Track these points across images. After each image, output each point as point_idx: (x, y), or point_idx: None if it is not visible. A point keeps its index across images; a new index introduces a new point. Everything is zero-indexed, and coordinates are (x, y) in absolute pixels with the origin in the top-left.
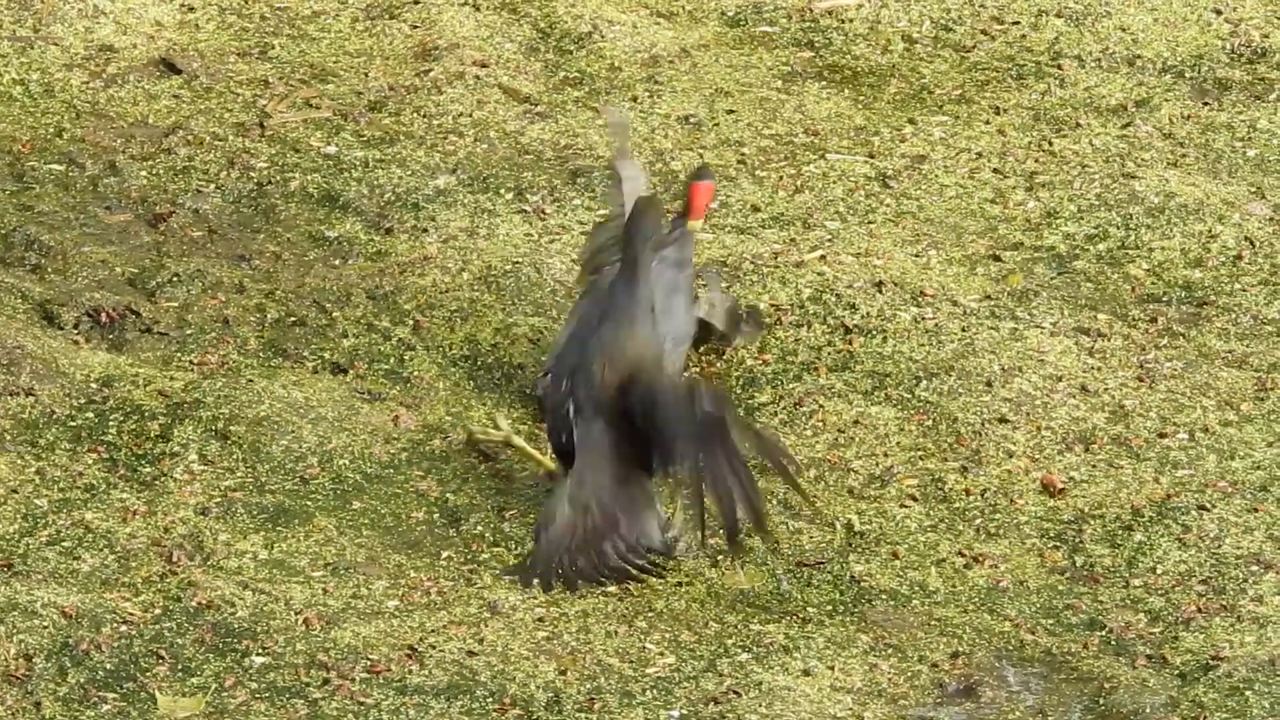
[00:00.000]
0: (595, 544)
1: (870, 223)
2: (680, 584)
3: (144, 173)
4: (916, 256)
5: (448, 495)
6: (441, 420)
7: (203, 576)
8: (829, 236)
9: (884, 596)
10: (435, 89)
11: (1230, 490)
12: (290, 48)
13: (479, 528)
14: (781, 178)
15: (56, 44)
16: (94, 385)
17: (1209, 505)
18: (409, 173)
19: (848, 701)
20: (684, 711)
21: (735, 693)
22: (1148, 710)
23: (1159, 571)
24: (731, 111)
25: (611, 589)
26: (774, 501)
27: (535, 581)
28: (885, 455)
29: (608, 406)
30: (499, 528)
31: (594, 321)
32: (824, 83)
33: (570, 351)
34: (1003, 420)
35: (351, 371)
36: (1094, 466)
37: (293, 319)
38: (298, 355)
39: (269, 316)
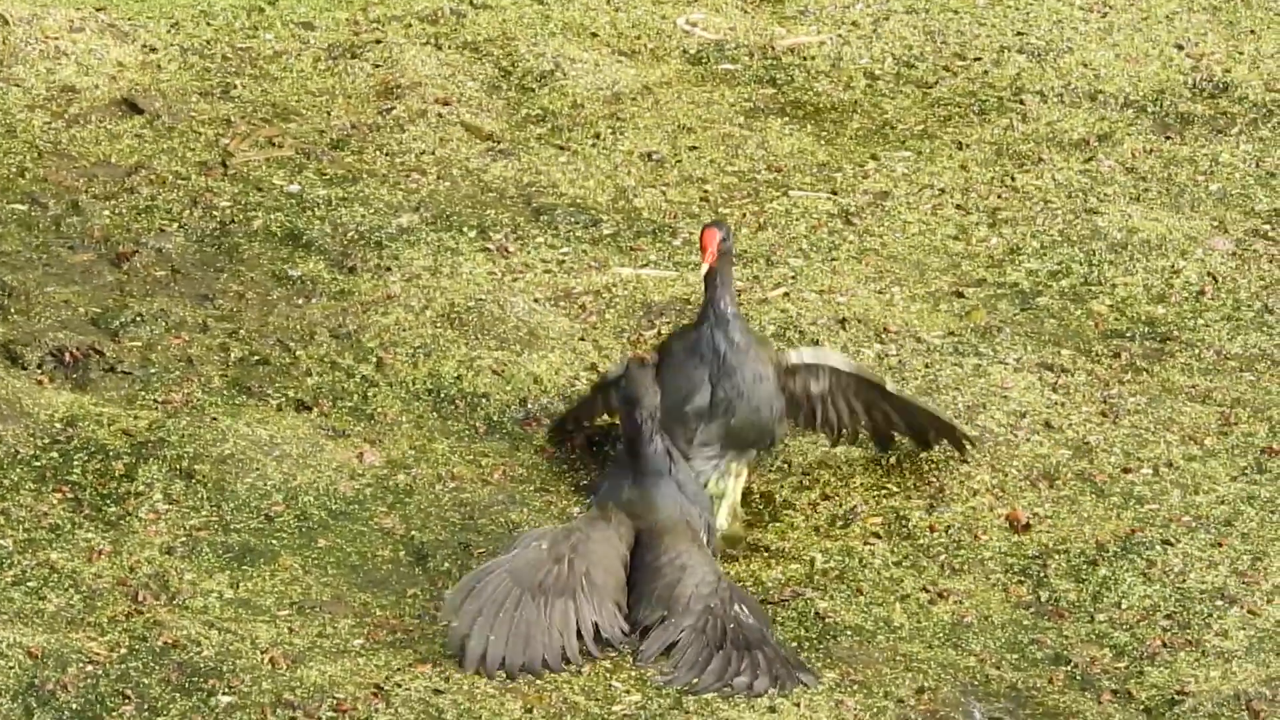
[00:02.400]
0: (551, 597)
1: (833, 259)
2: None
3: (107, 212)
4: (880, 293)
5: (413, 532)
6: (405, 455)
7: (169, 616)
8: (792, 274)
9: (849, 632)
10: (398, 127)
11: (1194, 525)
12: (252, 87)
13: (445, 564)
14: (745, 214)
15: (18, 84)
16: (58, 425)
17: (1173, 540)
18: (372, 211)
19: None
20: None
21: None
22: None
23: (1124, 606)
24: (694, 148)
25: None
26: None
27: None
28: (849, 494)
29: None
30: (465, 564)
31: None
32: (786, 119)
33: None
34: (966, 457)
35: (315, 409)
36: (1058, 502)
37: (256, 357)
38: (262, 393)
39: (233, 355)
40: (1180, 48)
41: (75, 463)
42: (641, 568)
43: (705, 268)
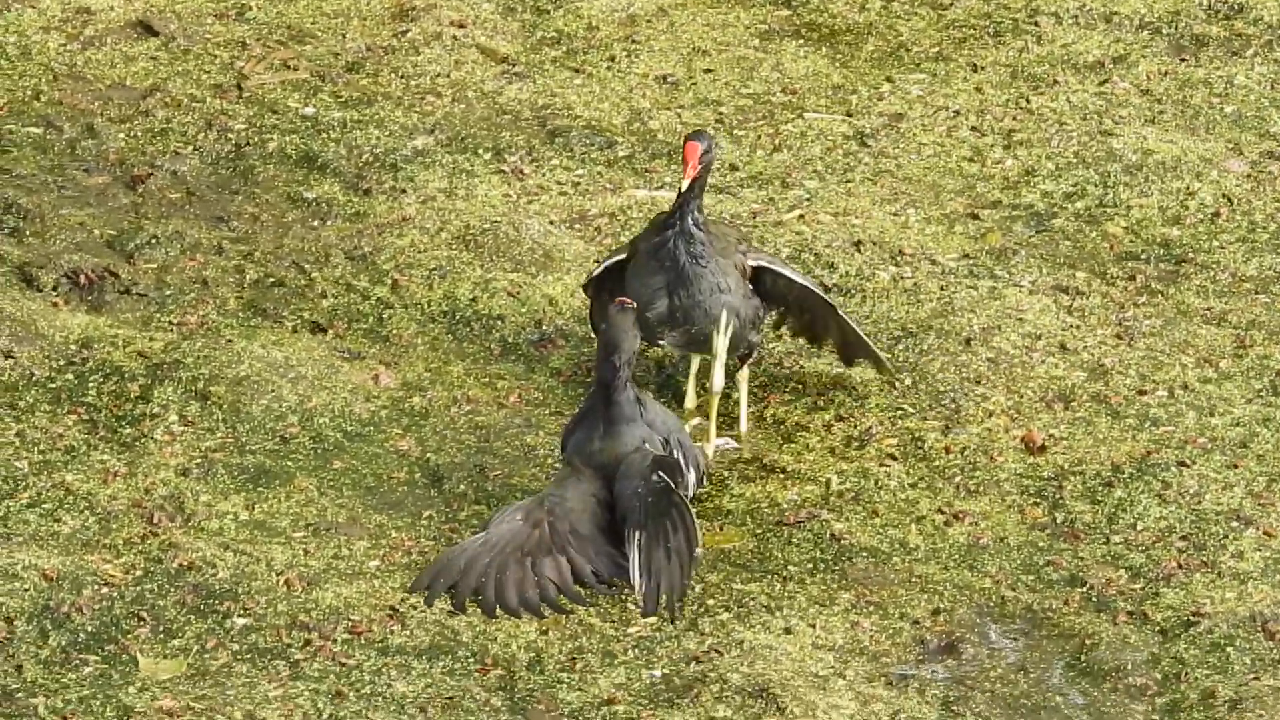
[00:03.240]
0: (539, 557)
1: (848, 181)
2: None
3: (122, 135)
4: (895, 215)
5: (429, 454)
6: (420, 378)
7: (184, 538)
8: (807, 196)
9: (864, 554)
10: (413, 49)
11: (1210, 446)
12: (267, 9)
13: (461, 486)
14: (759, 137)
15: (33, 6)
16: (73, 347)
17: (1189, 462)
18: (387, 133)
19: (829, 659)
20: (665, 670)
21: (717, 651)
22: (1129, 667)
23: (1139, 528)
24: (709, 70)
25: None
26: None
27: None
28: (864, 415)
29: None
30: (481, 486)
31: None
32: (801, 41)
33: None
34: (981, 379)
35: (331, 331)
36: (1073, 424)
37: (271, 280)
38: (277, 315)
39: (248, 277)
40: None
41: (90, 385)
42: (620, 503)
43: (687, 183)
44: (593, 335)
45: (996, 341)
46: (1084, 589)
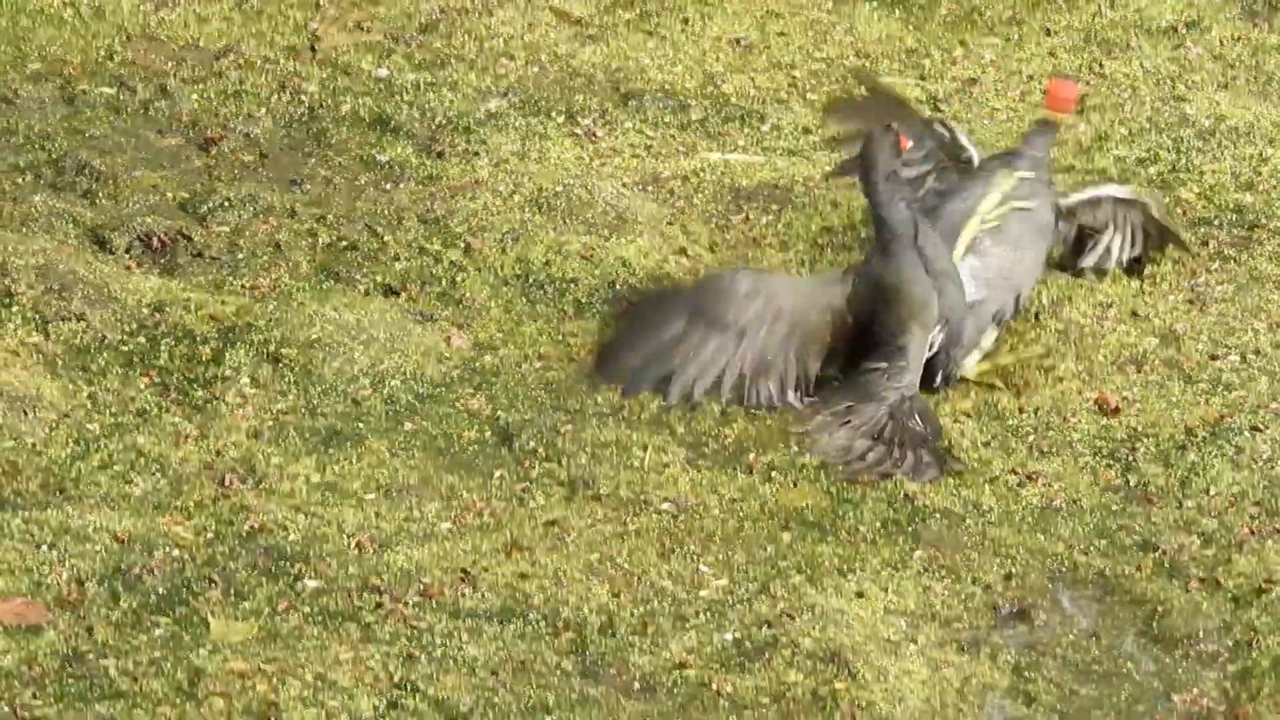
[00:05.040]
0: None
1: None
2: (734, 501)
3: (195, 96)
4: None
5: (499, 413)
6: (492, 338)
7: (255, 500)
8: None
9: (937, 515)
10: (486, 11)
11: None
12: None
13: (531, 444)
14: (832, 100)
15: None
16: (145, 310)
17: (1261, 427)
18: (460, 96)
19: (901, 625)
20: (737, 634)
21: (789, 615)
22: (1200, 634)
23: (1212, 493)
24: (782, 34)
25: (665, 507)
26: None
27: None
28: (939, 382)
29: None
30: (552, 443)
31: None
32: (875, 4)
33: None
34: (1051, 352)
35: (403, 294)
36: (1146, 386)
37: (344, 243)
38: (349, 278)
39: (320, 240)
40: None
41: (162, 348)
42: (860, 338)
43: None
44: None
45: (1066, 312)
46: (1156, 554)
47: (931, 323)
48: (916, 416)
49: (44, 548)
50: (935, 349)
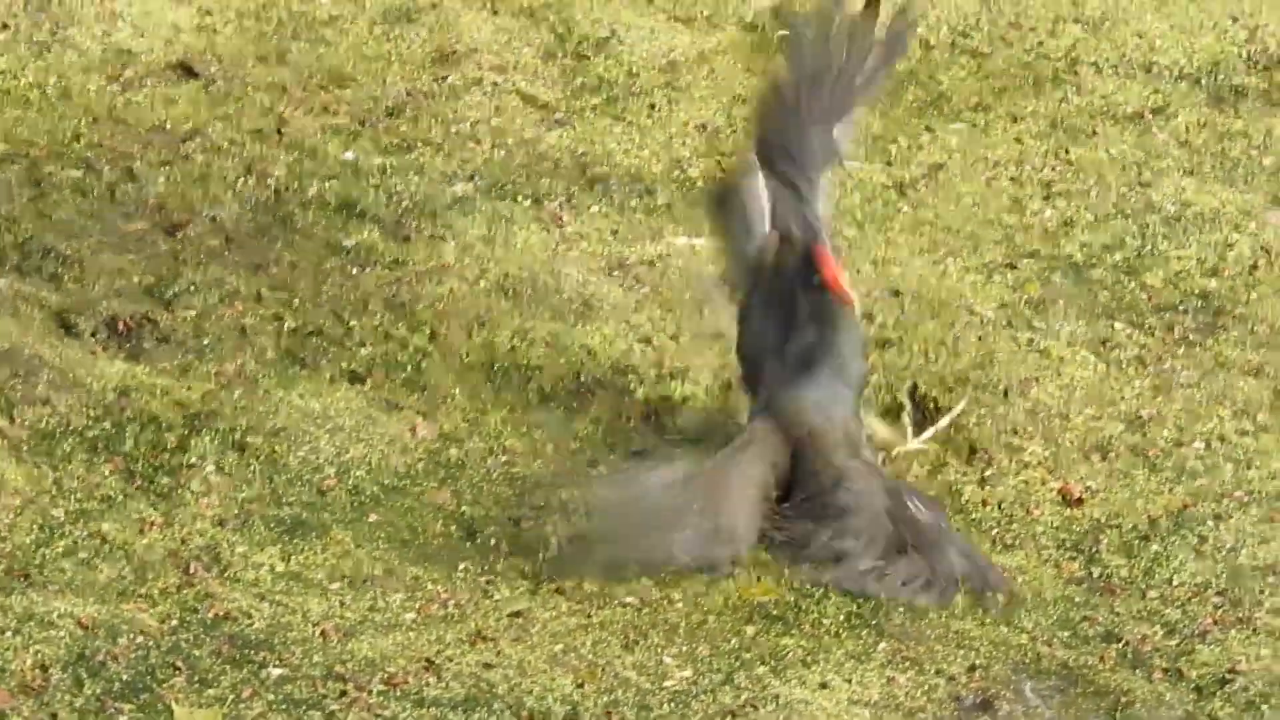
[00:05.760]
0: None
1: (888, 231)
2: (698, 595)
3: (161, 179)
4: (934, 264)
5: (464, 507)
6: (458, 428)
7: (220, 588)
8: (847, 244)
9: (901, 609)
10: (453, 95)
11: (1247, 500)
12: (308, 52)
13: (494, 539)
14: None
15: (74, 47)
16: (111, 395)
17: (1225, 515)
18: (427, 180)
19: (865, 715)
20: None
21: (753, 706)
22: None
23: (1175, 583)
24: (749, 119)
25: (629, 600)
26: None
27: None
28: (904, 470)
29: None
30: (515, 537)
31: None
32: None
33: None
34: (1019, 430)
35: (369, 380)
36: (1111, 475)
37: (310, 328)
38: (315, 364)
39: (286, 325)
40: (1235, 19)
41: (128, 434)
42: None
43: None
44: (631, 386)
45: (1034, 393)
46: (1120, 645)
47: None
48: (919, 504)
49: (8, 633)
50: None
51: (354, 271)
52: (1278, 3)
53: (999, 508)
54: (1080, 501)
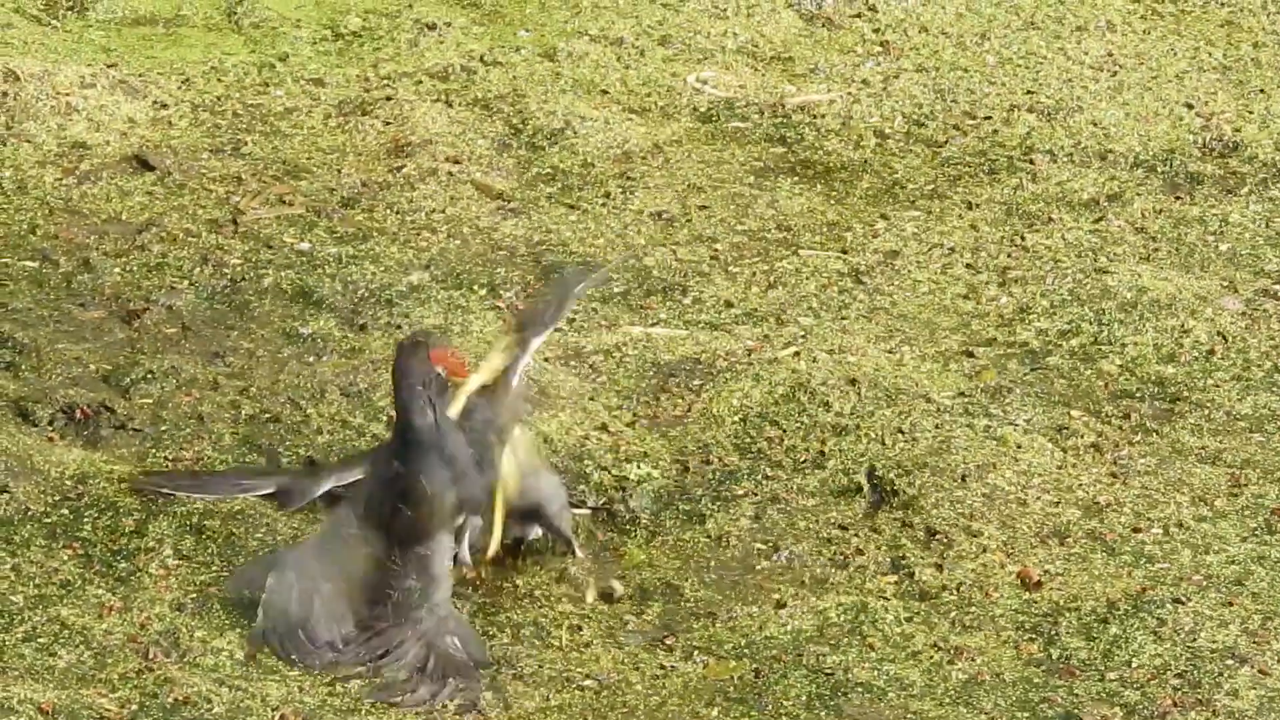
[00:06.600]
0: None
1: (844, 319)
2: (656, 677)
3: (118, 269)
4: (890, 352)
5: None
6: None
7: (179, 673)
8: (803, 333)
9: (860, 690)
10: (408, 185)
11: (1205, 584)
12: (263, 144)
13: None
14: (755, 273)
15: (29, 140)
16: (69, 482)
17: (1184, 599)
18: (383, 269)
19: None
20: None
21: None
22: None
23: (1134, 665)
24: (704, 207)
25: (588, 683)
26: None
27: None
28: (859, 552)
29: None
30: (472, 618)
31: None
32: (796, 178)
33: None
34: (976, 516)
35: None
36: (1069, 559)
37: (267, 415)
38: (272, 451)
39: (243, 412)
40: (1190, 107)
41: (86, 519)
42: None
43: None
44: (588, 470)
45: (992, 478)
46: None
47: (452, 523)
48: (454, 639)
49: None
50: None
51: (311, 359)
52: (1233, 90)
53: (957, 590)
54: (1039, 585)
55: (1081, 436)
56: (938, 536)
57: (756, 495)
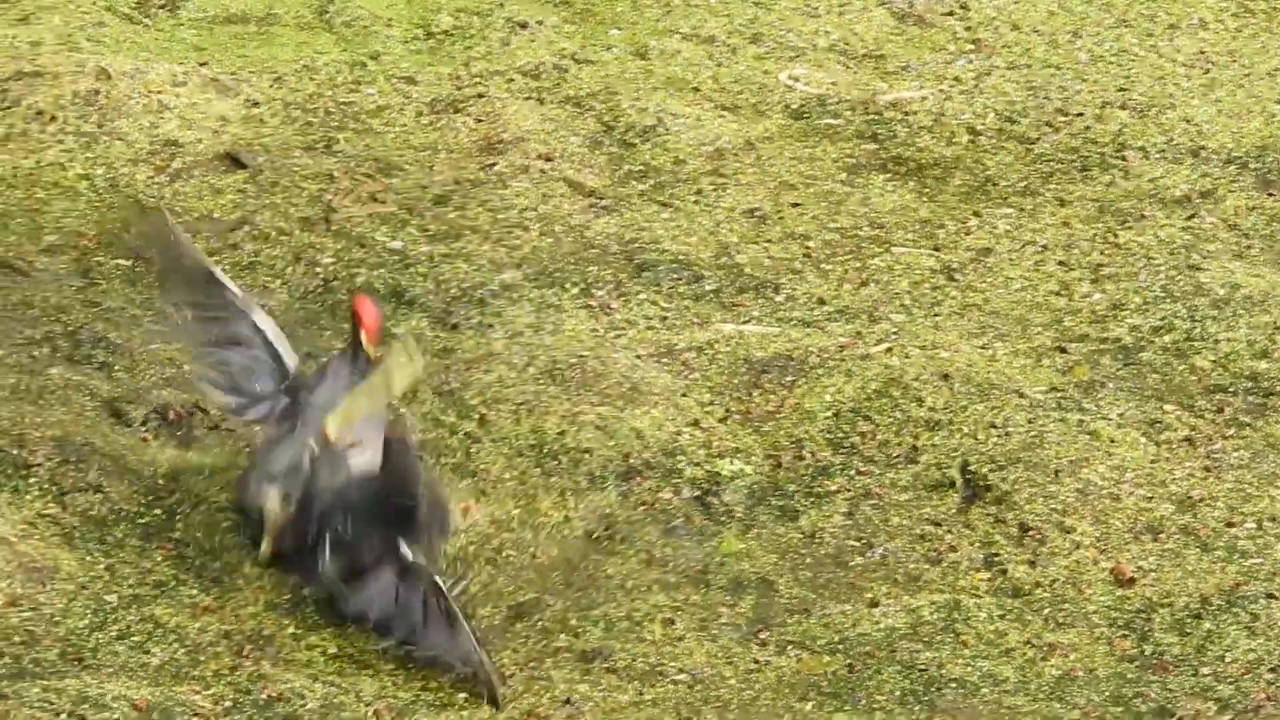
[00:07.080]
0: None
1: (936, 315)
2: (750, 672)
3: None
4: (983, 349)
5: (513, 590)
6: (509, 513)
7: (273, 669)
8: (895, 329)
9: (954, 685)
10: (500, 183)
11: None
12: (355, 142)
13: (544, 622)
14: (847, 271)
15: (122, 139)
16: (162, 482)
17: (1277, 594)
18: (474, 268)
19: None
20: None
21: None
22: None
23: (1228, 660)
24: (796, 204)
25: (680, 677)
26: None
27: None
28: (953, 549)
29: None
30: (565, 620)
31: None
32: (889, 175)
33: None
34: (1069, 511)
35: None
36: (1162, 555)
37: None
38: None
39: None
40: None
41: (179, 519)
42: None
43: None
44: (680, 467)
45: (1085, 473)
46: None
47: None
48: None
49: (63, 716)
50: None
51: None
52: None
53: (1050, 587)
54: (1132, 581)
55: (1175, 431)
56: (1030, 532)
57: (849, 491)
